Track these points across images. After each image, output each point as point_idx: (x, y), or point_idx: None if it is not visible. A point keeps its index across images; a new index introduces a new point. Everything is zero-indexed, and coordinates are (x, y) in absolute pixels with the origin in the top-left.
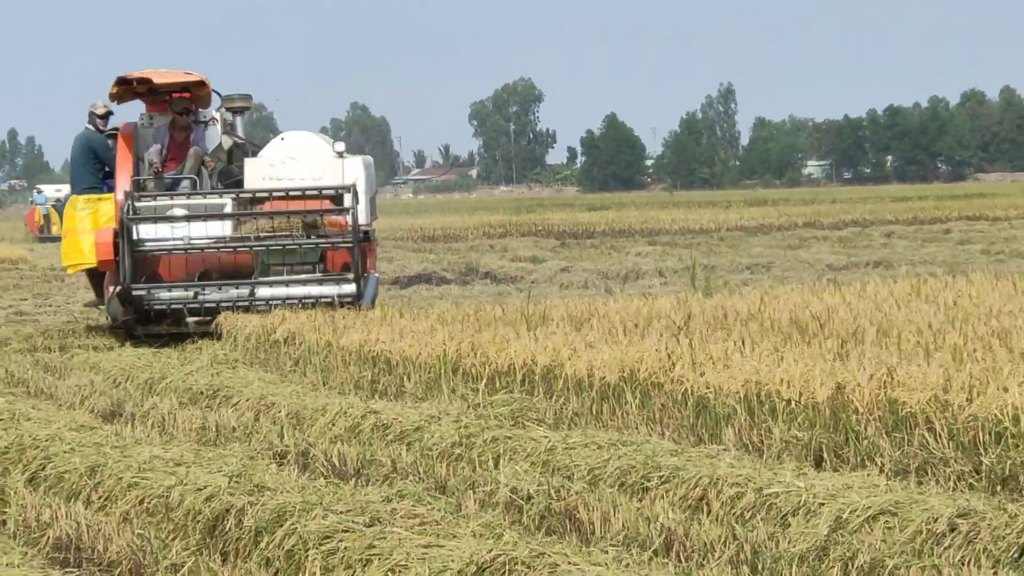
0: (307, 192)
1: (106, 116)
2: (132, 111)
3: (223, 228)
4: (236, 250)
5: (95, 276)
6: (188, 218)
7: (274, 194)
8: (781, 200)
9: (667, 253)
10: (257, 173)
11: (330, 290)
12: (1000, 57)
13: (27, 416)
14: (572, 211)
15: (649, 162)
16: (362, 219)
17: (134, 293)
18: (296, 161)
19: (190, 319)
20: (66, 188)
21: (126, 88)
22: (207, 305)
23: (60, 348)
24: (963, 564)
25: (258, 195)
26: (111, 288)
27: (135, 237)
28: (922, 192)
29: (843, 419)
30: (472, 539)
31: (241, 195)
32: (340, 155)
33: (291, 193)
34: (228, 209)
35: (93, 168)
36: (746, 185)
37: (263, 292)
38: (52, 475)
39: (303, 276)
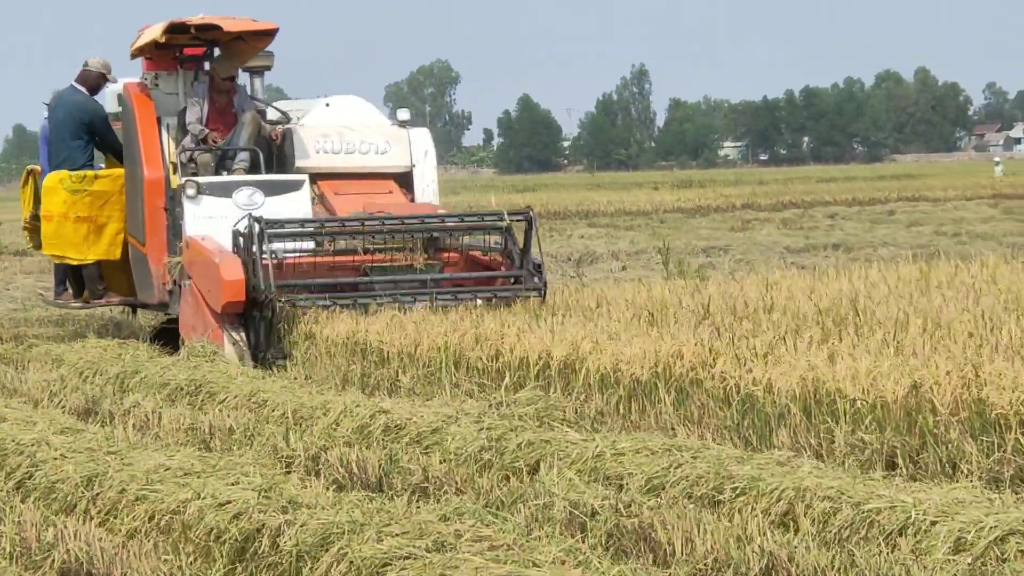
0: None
1: (102, 78)
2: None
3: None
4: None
5: (76, 268)
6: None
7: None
8: (708, 181)
9: (613, 236)
10: (308, 147)
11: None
12: (915, 38)
13: (2, 417)
14: (499, 192)
15: (566, 144)
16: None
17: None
18: (353, 131)
19: None
20: None
21: (179, 38)
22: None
23: (14, 339)
24: None
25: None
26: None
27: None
28: (848, 173)
29: (920, 421)
30: (558, 568)
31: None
32: (403, 124)
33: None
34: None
35: (85, 140)
36: (662, 166)
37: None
38: (42, 485)
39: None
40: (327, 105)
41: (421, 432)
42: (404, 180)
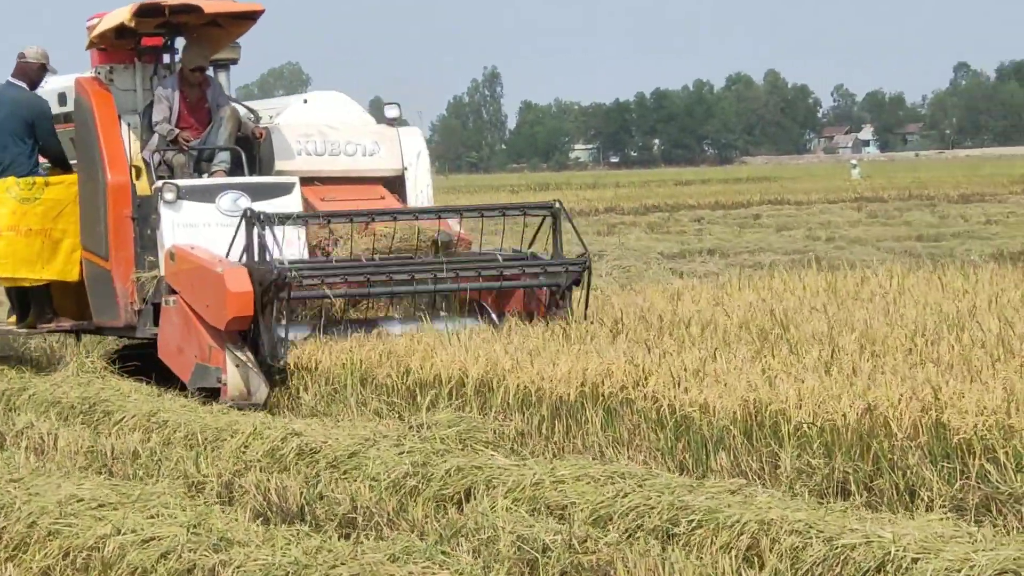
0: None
1: (43, 70)
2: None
3: (299, 242)
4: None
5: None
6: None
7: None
8: (564, 184)
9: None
10: (289, 147)
11: None
12: (765, 41)
13: None
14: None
15: None
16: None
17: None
18: (337, 131)
19: None
20: None
21: (148, 22)
22: None
23: None
24: None
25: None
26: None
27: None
28: (703, 176)
29: (875, 446)
30: None
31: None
32: (391, 123)
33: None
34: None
35: (31, 142)
36: (513, 169)
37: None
38: None
39: None
40: (305, 102)
41: (338, 456)
42: (394, 184)
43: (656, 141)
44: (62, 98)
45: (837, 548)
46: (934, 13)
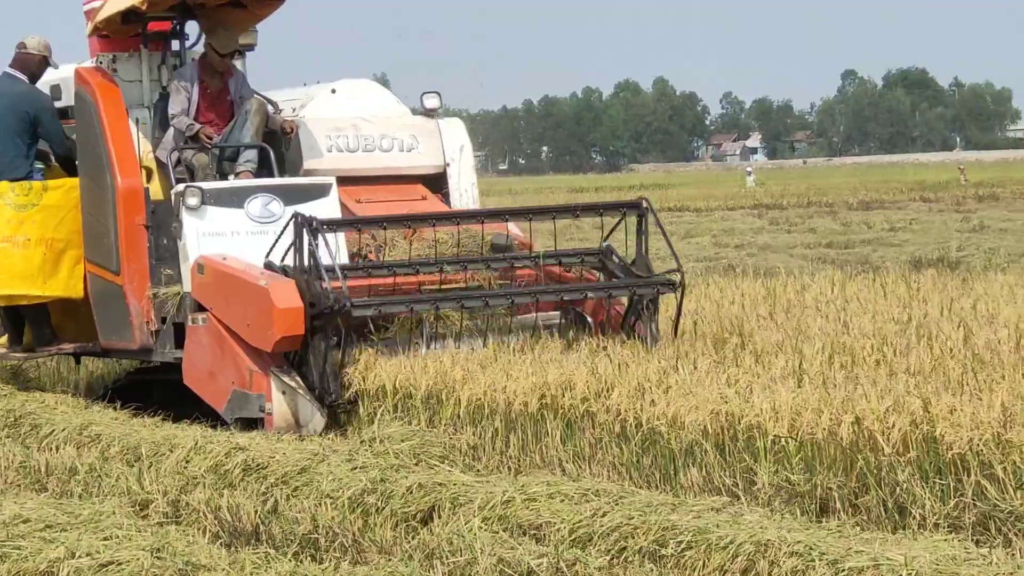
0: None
1: (45, 63)
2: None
3: (338, 247)
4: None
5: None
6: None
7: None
8: None
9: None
10: (318, 144)
11: None
12: (654, 48)
13: None
14: None
15: None
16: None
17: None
18: (371, 124)
19: None
20: None
21: (162, 3)
22: None
23: None
24: None
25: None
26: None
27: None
28: (594, 183)
29: (860, 461)
30: None
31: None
32: (430, 113)
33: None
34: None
35: (29, 141)
36: None
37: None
38: None
39: None
40: (333, 92)
41: (287, 472)
42: (435, 182)
43: (544, 148)
44: (55, 92)
45: (844, 571)
46: (822, 21)
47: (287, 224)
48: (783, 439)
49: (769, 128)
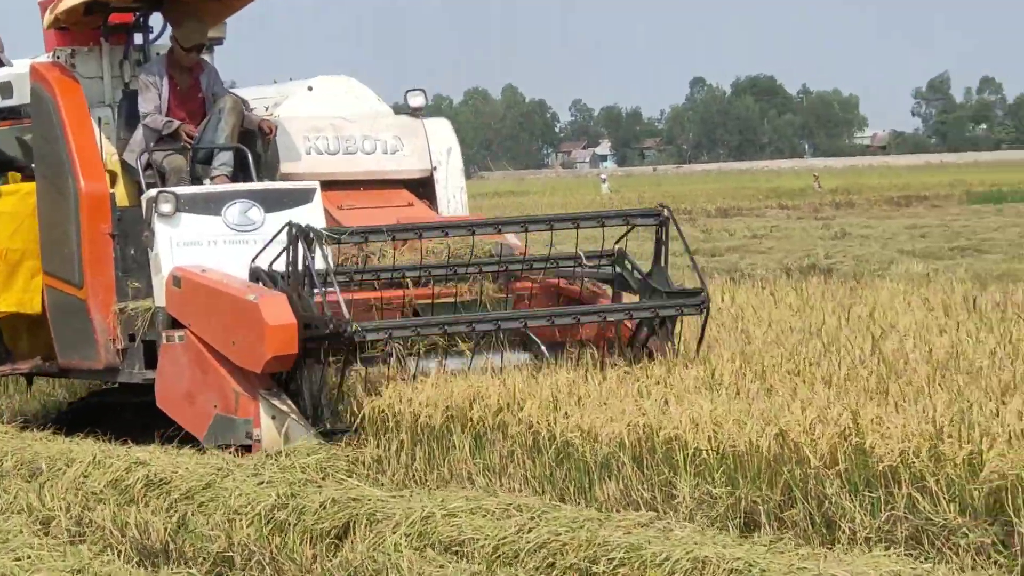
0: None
1: None
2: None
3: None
4: None
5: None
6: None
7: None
8: None
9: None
10: (295, 145)
11: None
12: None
13: None
14: None
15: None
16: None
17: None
18: (352, 124)
19: None
20: None
21: None
22: None
23: None
24: None
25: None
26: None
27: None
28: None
29: (786, 474)
30: None
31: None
32: (415, 113)
33: None
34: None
35: None
36: None
37: None
38: None
39: None
40: (310, 89)
41: (192, 487)
42: (421, 188)
43: None
44: (4, 89)
45: None
46: (670, 29)
47: (278, 232)
48: (704, 452)
49: (619, 135)
